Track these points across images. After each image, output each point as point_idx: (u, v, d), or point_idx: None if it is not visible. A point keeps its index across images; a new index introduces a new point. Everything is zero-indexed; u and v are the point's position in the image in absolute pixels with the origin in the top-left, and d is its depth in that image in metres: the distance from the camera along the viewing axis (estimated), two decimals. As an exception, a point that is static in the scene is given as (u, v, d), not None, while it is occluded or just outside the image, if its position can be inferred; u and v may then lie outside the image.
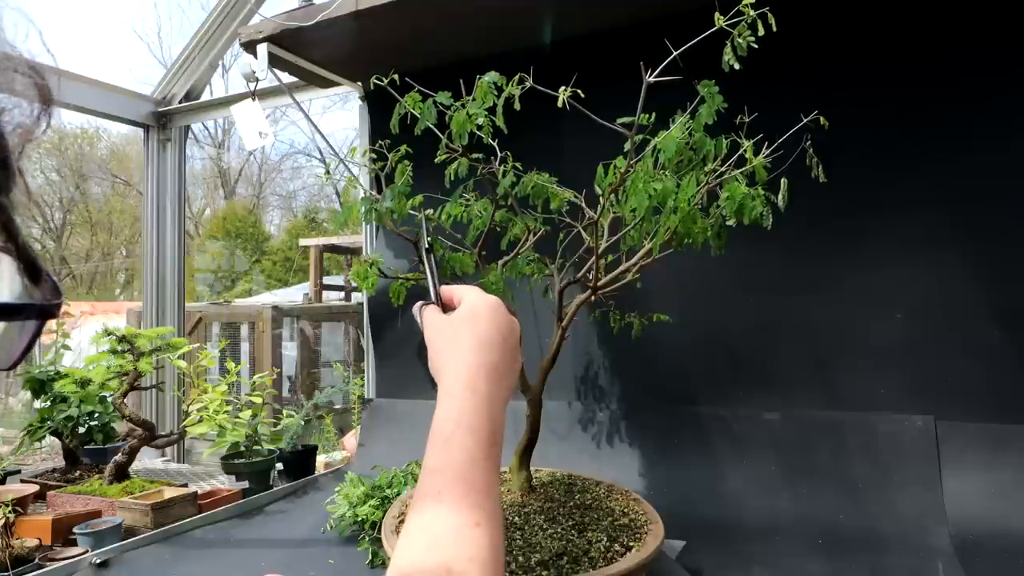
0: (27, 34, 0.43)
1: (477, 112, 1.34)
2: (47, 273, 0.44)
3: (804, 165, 1.45)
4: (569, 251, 1.79)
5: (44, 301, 0.44)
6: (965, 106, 2.04)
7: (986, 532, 1.83)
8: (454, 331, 0.84)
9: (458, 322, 0.85)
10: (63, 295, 0.45)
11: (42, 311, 0.44)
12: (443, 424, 0.76)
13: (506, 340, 0.85)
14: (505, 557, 1.37)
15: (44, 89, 0.43)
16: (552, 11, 2.32)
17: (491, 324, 0.84)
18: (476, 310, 0.85)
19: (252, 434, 2.75)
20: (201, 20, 3.77)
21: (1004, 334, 1.97)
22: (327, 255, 9.61)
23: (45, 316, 0.44)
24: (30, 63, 0.43)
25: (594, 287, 1.58)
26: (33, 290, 0.43)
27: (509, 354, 0.85)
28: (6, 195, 0.40)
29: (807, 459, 2.12)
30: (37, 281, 0.43)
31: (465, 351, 0.81)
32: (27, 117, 0.42)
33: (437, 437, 0.76)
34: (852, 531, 1.93)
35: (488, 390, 0.79)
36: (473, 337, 0.83)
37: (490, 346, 0.82)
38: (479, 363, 0.80)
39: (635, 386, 2.47)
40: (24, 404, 6.99)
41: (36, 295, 0.43)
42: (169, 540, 2.11)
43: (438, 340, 0.86)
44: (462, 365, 0.80)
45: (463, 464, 0.72)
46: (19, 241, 0.42)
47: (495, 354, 0.82)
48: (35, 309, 0.44)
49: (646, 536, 1.46)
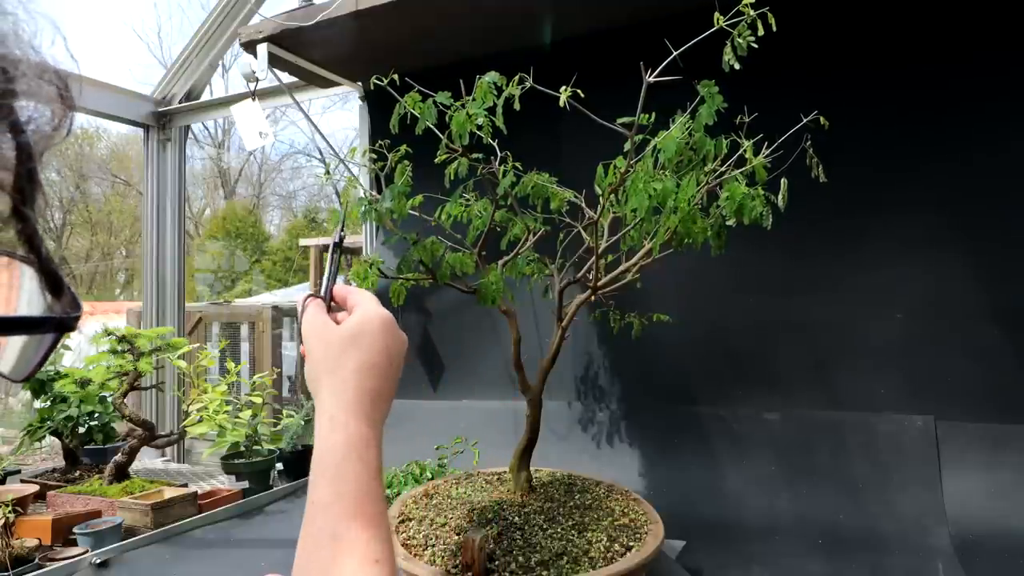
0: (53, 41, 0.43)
1: (477, 112, 1.33)
2: (68, 286, 0.43)
3: (804, 165, 1.46)
4: (569, 251, 1.79)
5: (63, 314, 0.43)
6: (965, 107, 2.04)
7: (986, 532, 1.83)
8: (340, 347, 0.77)
9: (347, 338, 0.77)
10: (82, 308, 0.45)
11: (60, 324, 0.44)
12: (331, 453, 0.71)
13: (392, 363, 0.79)
14: (505, 558, 1.37)
15: (68, 99, 0.43)
16: (552, 11, 2.32)
17: (381, 346, 0.78)
18: (367, 328, 0.78)
19: (252, 434, 2.75)
20: (201, 20, 3.77)
21: (1004, 334, 1.97)
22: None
23: (63, 329, 0.44)
24: (58, 71, 0.42)
25: (594, 287, 1.58)
26: (54, 303, 0.43)
27: (393, 378, 0.79)
28: (31, 206, 0.40)
29: (807, 459, 2.12)
30: (58, 294, 0.43)
31: (351, 373, 0.75)
32: (49, 125, 0.42)
33: (325, 467, 0.70)
34: (852, 531, 1.93)
35: (374, 417, 0.74)
36: (361, 358, 0.76)
37: (377, 371, 0.76)
38: (365, 388, 0.75)
39: (635, 386, 2.47)
40: (24, 404, 7.00)
41: (56, 308, 0.43)
42: (169, 540, 2.11)
43: (319, 348, 0.78)
44: (348, 388, 0.74)
45: (358, 495, 0.68)
46: (42, 253, 0.41)
47: (381, 379, 0.77)
48: (54, 322, 0.43)
49: (646, 536, 1.46)
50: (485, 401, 2.71)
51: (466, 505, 1.63)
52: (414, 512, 1.64)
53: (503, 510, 1.57)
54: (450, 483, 1.81)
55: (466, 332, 2.80)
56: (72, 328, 0.44)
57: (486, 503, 1.63)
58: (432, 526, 1.55)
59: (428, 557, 1.42)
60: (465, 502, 1.65)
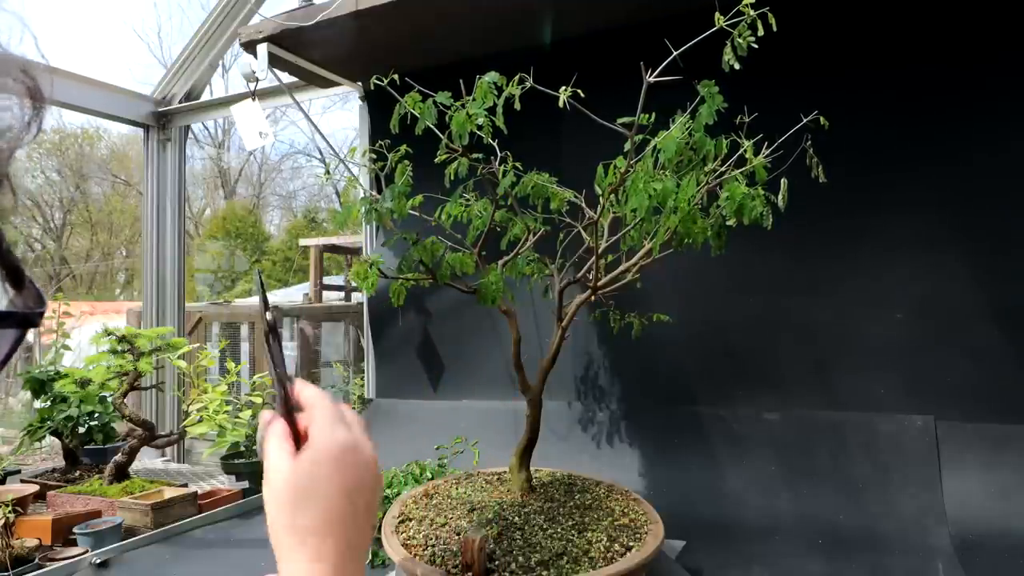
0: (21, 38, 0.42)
1: (477, 112, 1.34)
2: (31, 280, 0.42)
3: (804, 165, 1.46)
4: (569, 251, 1.79)
5: (26, 309, 0.42)
6: (965, 108, 2.04)
7: (986, 532, 1.83)
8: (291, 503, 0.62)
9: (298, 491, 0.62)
10: (46, 303, 0.43)
11: (24, 320, 0.42)
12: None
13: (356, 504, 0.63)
14: (505, 557, 1.37)
15: (35, 91, 0.42)
16: (551, 11, 2.32)
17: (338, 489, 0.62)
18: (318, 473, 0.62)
19: (252, 434, 2.75)
20: (201, 20, 3.77)
21: (1004, 334, 1.97)
22: (327, 255, 9.61)
23: (26, 325, 0.42)
24: (22, 64, 0.41)
25: (594, 287, 1.58)
26: (16, 297, 0.42)
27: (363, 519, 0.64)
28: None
29: (807, 459, 2.12)
30: (20, 288, 0.42)
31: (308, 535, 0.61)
32: (16, 121, 0.41)
33: None
34: (852, 531, 1.93)
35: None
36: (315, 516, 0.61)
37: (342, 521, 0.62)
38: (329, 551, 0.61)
39: (635, 386, 2.47)
40: (24, 404, 6.99)
41: (18, 302, 0.42)
42: (169, 540, 2.11)
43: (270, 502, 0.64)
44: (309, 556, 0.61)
45: None
46: (2, 247, 0.41)
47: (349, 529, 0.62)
48: (16, 318, 0.42)
49: (646, 536, 1.46)
50: (485, 401, 2.71)
51: (466, 505, 1.63)
52: (414, 512, 1.64)
53: (503, 510, 1.57)
54: (450, 483, 1.82)
55: (466, 332, 2.80)
56: (36, 324, 0.42)
57: (486, 503, 1.63)
58: (432, 526, 1.55)
59: (428, 557, 1.42)
60: (465, 502, 1.65)
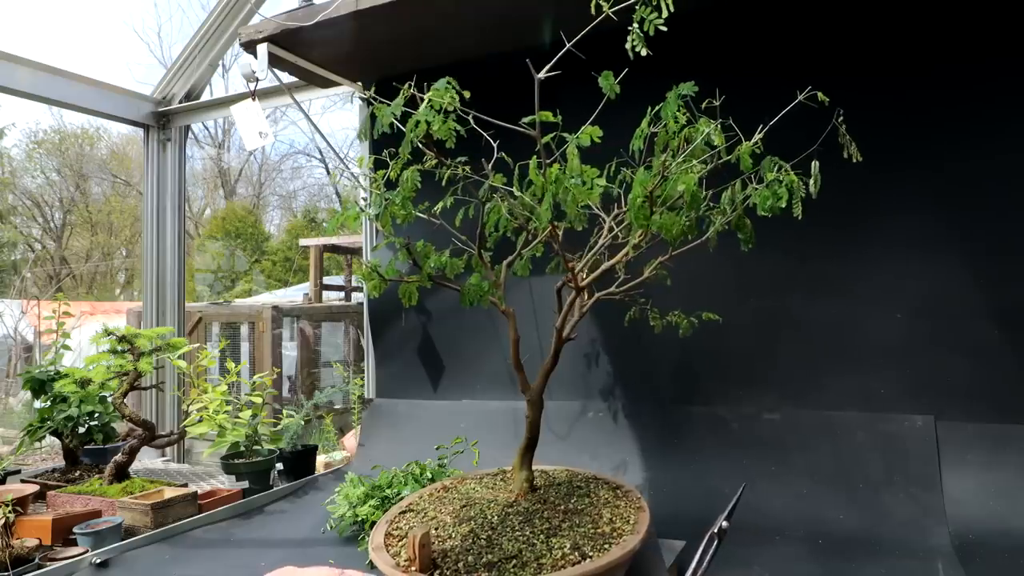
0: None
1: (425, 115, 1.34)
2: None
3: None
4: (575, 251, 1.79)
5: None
6: (964, 109, 2.04)
7: (986, 532, 1.83)
8: None
9: None
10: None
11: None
12: None
13: None
14: (458, 555, 1.39)
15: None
16: (551, 11, 2.32)
17: None
18: None
19: (252, 434, 2.75)
20: (201, 20, 3.77)
21: (1004, 334, 1.97)
22: (327, 255, 9.61)
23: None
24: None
25: (577, 287, 1.60)
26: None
27: None
28: None
29: (807, 459, 2.12)
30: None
31: None
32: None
33: None
34: (852, 531, 1.93)
35: None
36: None
37: None
38: None
39: (635, 386, 2.47)
40: (24, 404, 7.00)
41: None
42: (169, 540, 2.11)
43: None
44: None
45: None
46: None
47: None
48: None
49: (612, 547, 1.40)
50: (485, 401, 2.71)
51: (463, 502, 1.64)
52: (419, 505, 1.66)
53: (488, 508, 1.58)
54: (469, 480, 1.83)
55: (466, 332, 2.80)
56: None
57: (479, 501, 1.64)
58: (424, 519, 1.57)
59: (395, 548, 1.45)
60: (465, 499, 1.66)
